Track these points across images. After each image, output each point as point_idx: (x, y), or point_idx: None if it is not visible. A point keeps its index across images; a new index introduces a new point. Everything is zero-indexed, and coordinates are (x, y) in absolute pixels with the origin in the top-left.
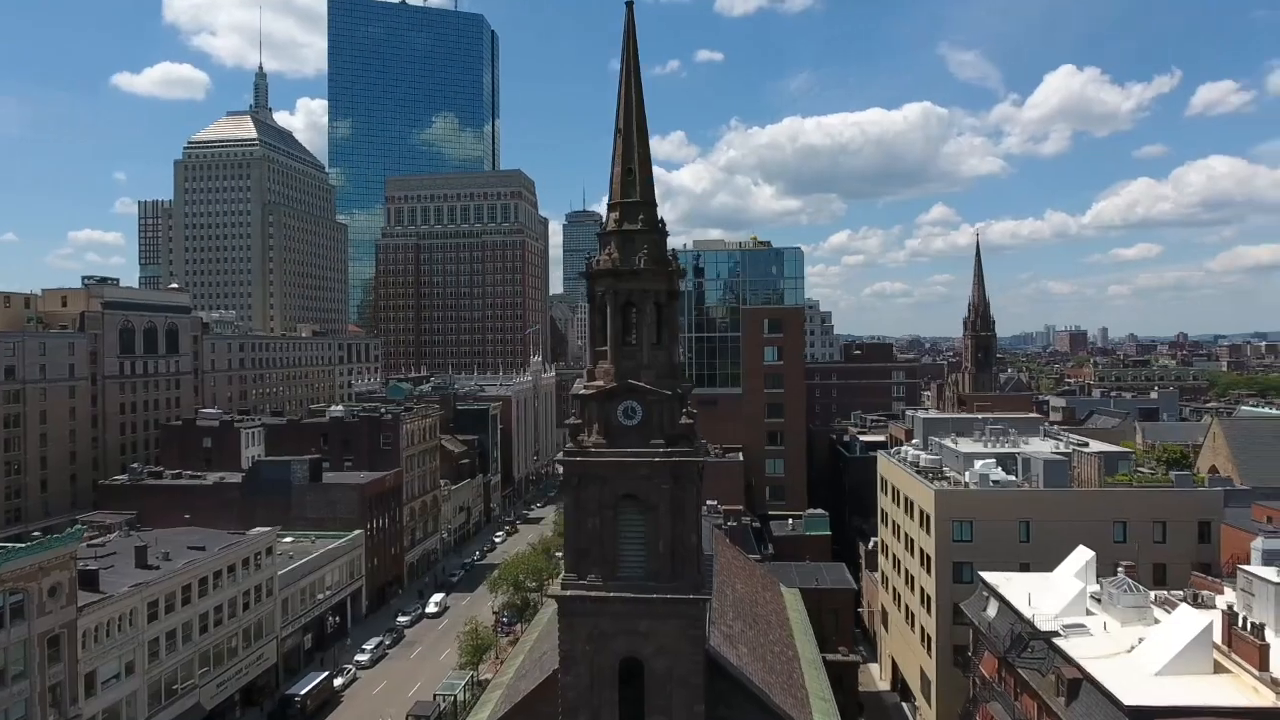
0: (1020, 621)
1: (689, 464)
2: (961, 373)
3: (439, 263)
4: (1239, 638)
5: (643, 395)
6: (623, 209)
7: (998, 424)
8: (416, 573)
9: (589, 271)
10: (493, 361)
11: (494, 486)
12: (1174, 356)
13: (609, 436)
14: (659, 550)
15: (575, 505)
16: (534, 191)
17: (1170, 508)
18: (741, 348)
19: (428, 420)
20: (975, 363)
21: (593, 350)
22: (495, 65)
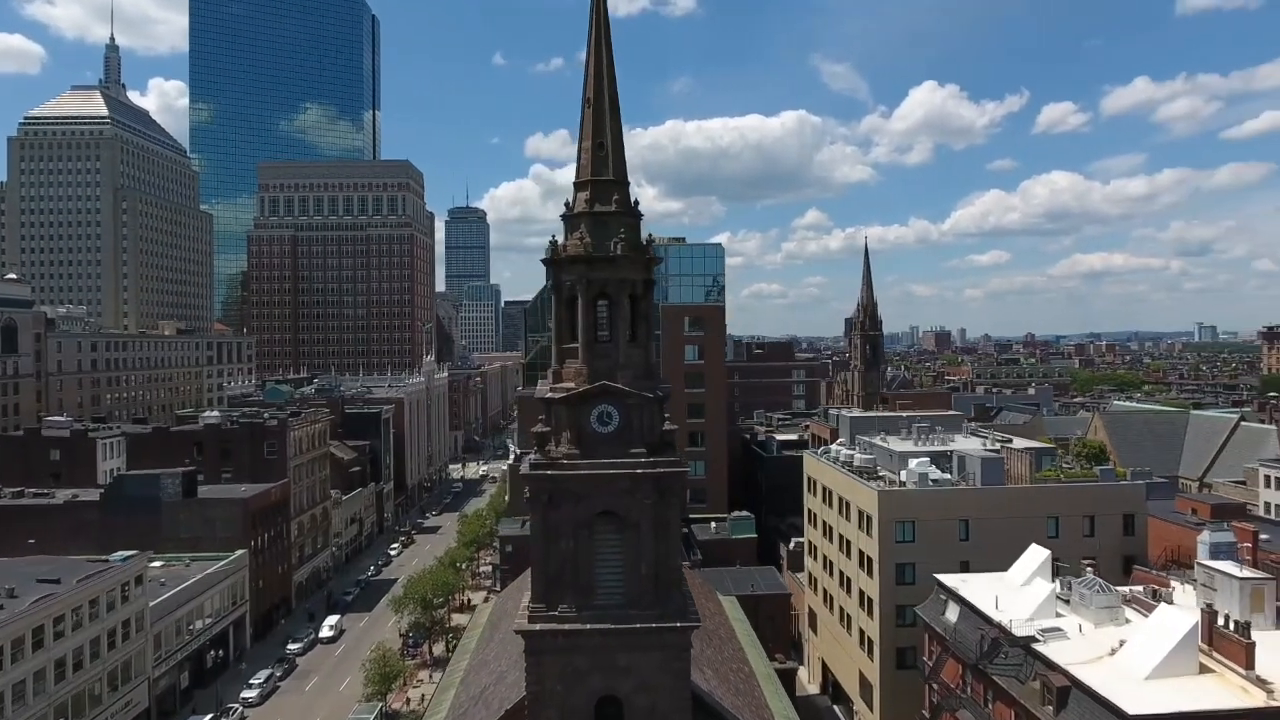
0: (989, 626)
1: (674, 475)
2: (851, 371)
3: (319, 256)
4: (1222, 636)
5: (620, 398)
6: (594, 188)
7: (924, 422)
8: (306, 593)
9: (554, 258)
10: (379, 362)
11: (387, 495)
12: (1032, 355)
13: (582, 446)
14: (640, 573)
15: (544, 526)
16: (422, 184)
17: (1098, 502)
18: (660, 346)
19: (317, 425)
20: (864, 361)
21: (558, 348)
22: (376, 52)
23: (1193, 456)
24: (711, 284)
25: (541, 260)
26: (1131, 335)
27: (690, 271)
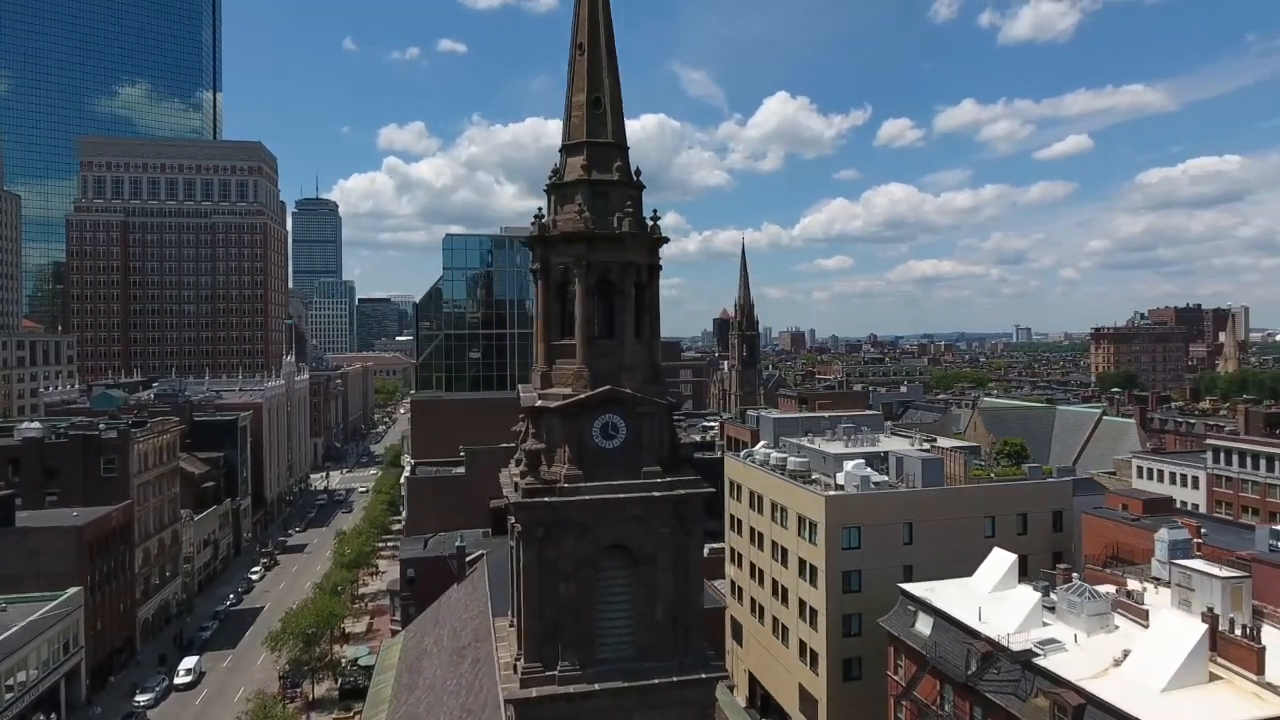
0: (976, 639)
1: (696, 498)
2: (729, 371)
3: (155, 245)
4: (1229, 642)
5: (629, 407)
6: (591, 153)
7: (849, 423)
8: (153, 631)
9: (542, 237)
10: (227, 363)
11: (244, 512)
12: (883, 355)
13: (584, 465)
14: (656, 618)
15: (538, 568)
16: (276, 169)
17: (1029, 500)
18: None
19: (166, 437)
20: (742, 361)
21: (546, 345)
22: (217, 27)
23: (1061, 449)
24: None
25: (526, 240)
26: (959, 336)
27: None
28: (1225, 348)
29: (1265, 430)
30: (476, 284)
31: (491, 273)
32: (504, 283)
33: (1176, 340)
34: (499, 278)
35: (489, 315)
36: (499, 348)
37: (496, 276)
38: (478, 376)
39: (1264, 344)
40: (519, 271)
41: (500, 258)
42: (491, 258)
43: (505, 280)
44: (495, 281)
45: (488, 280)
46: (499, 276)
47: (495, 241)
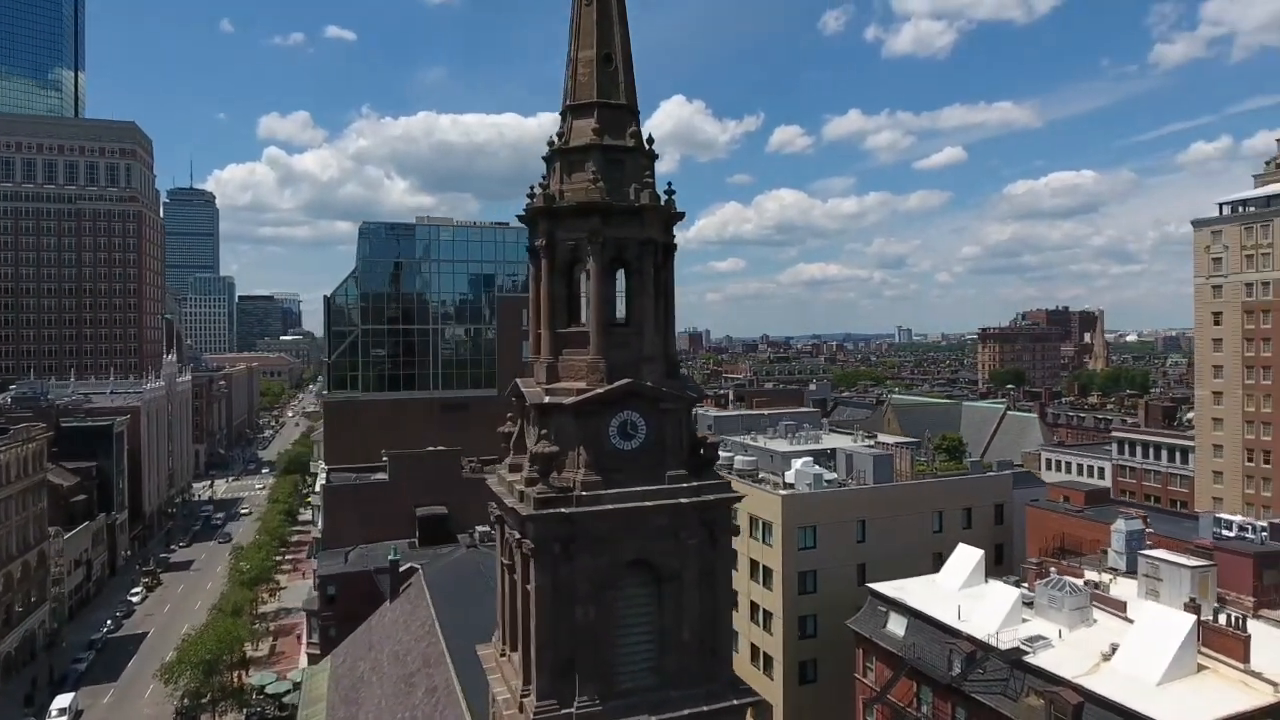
0: (958, 639)
1: (724, 504)
2: None
3: (8, 233)
4: (1214, 632)
5: (651, 403)
6: (603, 115)
7: (791, 420)
8: (17, 667)
9: (546, 209)
10: (96, 363)
11: (121, 527)
12: (786, 355)
13: (602, 470)
14: (681, 640)
15: (554, 589)
16: (151, 153)
17: (973, 494)
18: (496, 342)
19: (31, 446)
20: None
21: (550, 334)
22: (79, 2)
23: (969, 443)
24: None
25: (522, 215)
26: (846, 336)
27: (526, 258)
28: (1095, 347)
29: (1163, 422)
30: (391, 276)
31: (400, 264)
32: (411, 275)
33: (1053, 340)
34: (408, 269)
35: (401, 310)
36: (407, 344)
37: (406, 268)
38: (385, 376)
39: (1116, 344)
40: (435, 263)
41: (409, 247)
42: (411, 248)
43: (444, 272)
44: (404, 274)
45: (396, 272)
46: (408, 268)
47: (417, 230)
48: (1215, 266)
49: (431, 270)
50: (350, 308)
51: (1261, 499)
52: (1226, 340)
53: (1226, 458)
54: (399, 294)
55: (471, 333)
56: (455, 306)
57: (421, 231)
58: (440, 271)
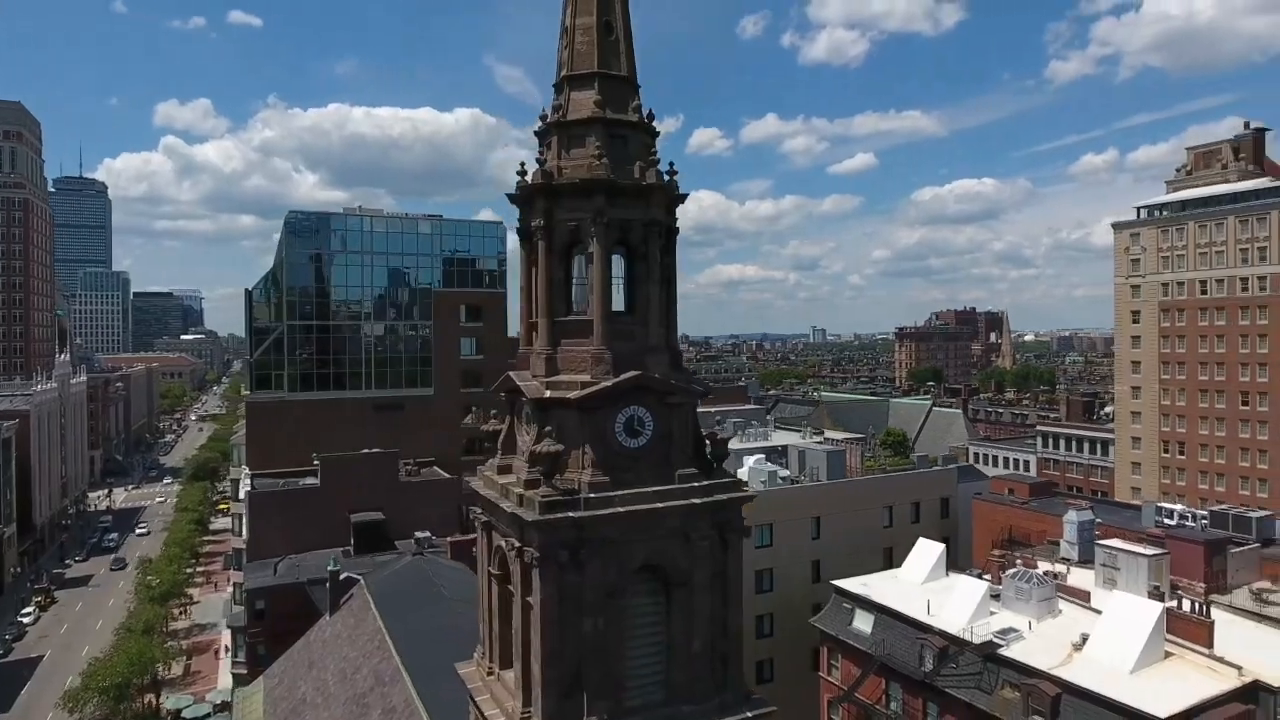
0: (929, 634)
1: (736, 504)
2: None
3: None
4: (1179, 618)
5: (659, 397)
6: (604, 86)
7: (739, 417)
8: None
9: (545, 187)
10: None
11: (9, 541)
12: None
13: (609, 469)
14: (691, 650)
15: (559, 600)
16: (40, 136)
17: (921, 488)
18: (433, 339)
19: None
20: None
21: (550, 323)
22: None
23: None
24: (493, 268)
25: (512, 195)
26: (763, 336)
27: (467, 252)
28: (1003, 346)
29: (1084, 417)
30: (318, 269)
31: (327, 256)
32: (341, 269)
33: (964, 339)
34: (338, 262)
35: (330, 305)
36: (336, 341)
37: (336, 261)
38: (313, 375)
39: (1015, 344)
40: (368, 256)
41: (339, 239)
42: (341, 239)
43: (341, 265)
44: (333, 267)
45: (317, 265)
46: (338, 261)
47: (347, 221)
48: (1134, 267)
49: (363, 264)
50: (273, 303)
51: (1177, 488)
52: (1144, 337)
53: (1144, 449)
54: (329, 288)
55: (406, 329)
56: (389, 302)
57: (353, 223)
58: (374, 265)
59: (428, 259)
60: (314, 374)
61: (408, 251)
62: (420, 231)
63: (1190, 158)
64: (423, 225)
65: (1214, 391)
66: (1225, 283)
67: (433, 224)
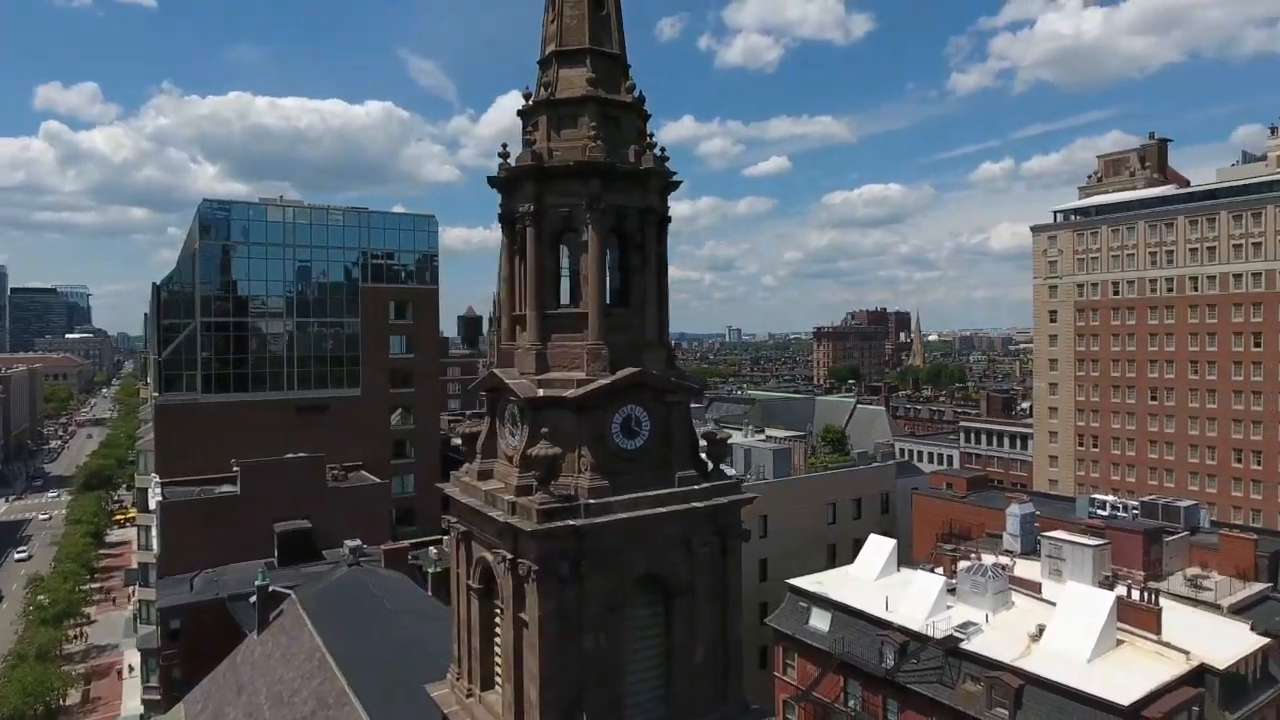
0: (889, 630)
1: (736, 507)
2: (487, 368)
3: None
4: (1128, 606)
5: (658, 395)
6: (596, 64)
7: None
8: None
9: (536, 169)
10: None
11: None
12: None
13: (607, 473)
14: (692, 662)
15: (559, 616)
16: None
17: (864, 485)
18: (360, 337)
19: None
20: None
21: (539, 316)
22: None
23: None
24: (424, 262)
25: (493, 178)
26: (680, 336)
27: (396, 246)
28: (914, 345)
29: (1003, 412)
30: (229, 262)
31: (239, 248)
32: (259, 261)
33: (878, 339)
34: (248, 254)
35: (248, 300)
36: (256, 339)
37: (253, 253)
38: (230, 375)
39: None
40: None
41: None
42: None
43: (260, 258)
44: (250, 259)
45: (234, 257)
46: (248, 253)
47: (268, 212)
48: (1051, 269)
49: (284, 257)
50: (184, 297)
51: (1091, 480)
52: (1061, 336)
53: (1061, 443)
54: (246, 282)
55: (331, 327)
56: (313, 297)
57: (273, 214)
58: (296, 259)
59: (355, 253)
60: (230, 374)
61: (333, 245)
62: (347, 224)
63: (1100, 165)
64: (349, 217)
65: (1125, 387)
66: (1136, 284)
67: (360, 216)
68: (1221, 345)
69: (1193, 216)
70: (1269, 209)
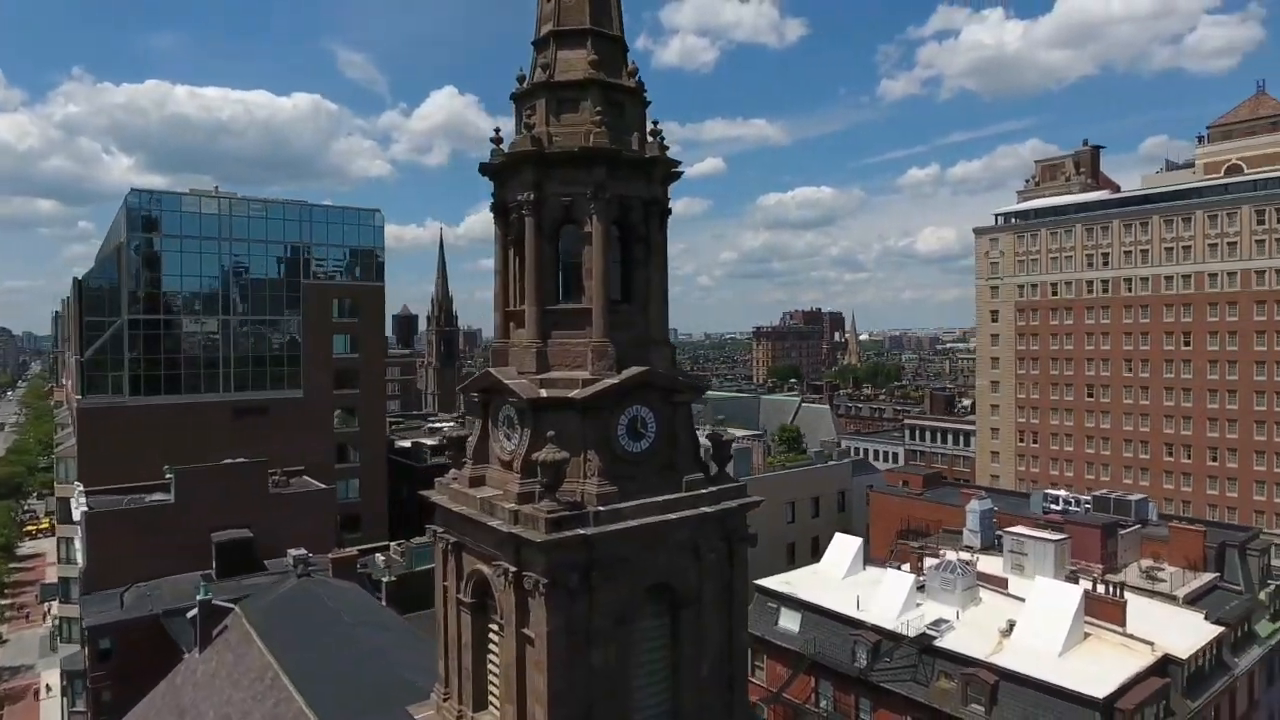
0: (862, 630)
1: (743, 511)
2: (425, 368)
3: None
4: (1095, 600)
5: (665, 396)
6: (597, 45)
7: None
8: None
9: (533, 154)
10: None
11: None
12: None
13: (614, 478)
14: (698, 676)
15: (568, 630)
16: None
17: (821, 483)
18: (302, 336)
19: None
20: (439, 359)
21: (538, 310)
22: None
23: (771, 430)
24: (369, 259)
25: (488, 165)
26: None
27: (339, 241)
28: (849, 344)
29: (946, 410)
30: (164, 256)
31: (171, 241)
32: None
33: (815, 338)
34: (181, 247)
35: (181, 296)
36: (188, 337)
37: (179, 246)
38: (160, 376)
39: None
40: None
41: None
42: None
43: (192, 251)
44: (181, 252)
45: (166, 250)
46: (181, 246)
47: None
48: (993, 270)
49: (220, 251)
50: (109, 293)
51: (1031, 474)
52: (1002, 335)
53: (1002, 439)
54: (179, 277)
55: (271, 325)
56: (251, 293)
57: (208, 205)
58: (233, 253)
59: (296, 248)
60: (161, 374)
61: (272, 239)
62: (287, 218)
63: (1037, 170)
64: (290, 210)
65: (1064, 385)
66: (1074, 285)
67: (301, 210)
68: (1154, 344)
69: (1127, 220)
70: (1198, 214)
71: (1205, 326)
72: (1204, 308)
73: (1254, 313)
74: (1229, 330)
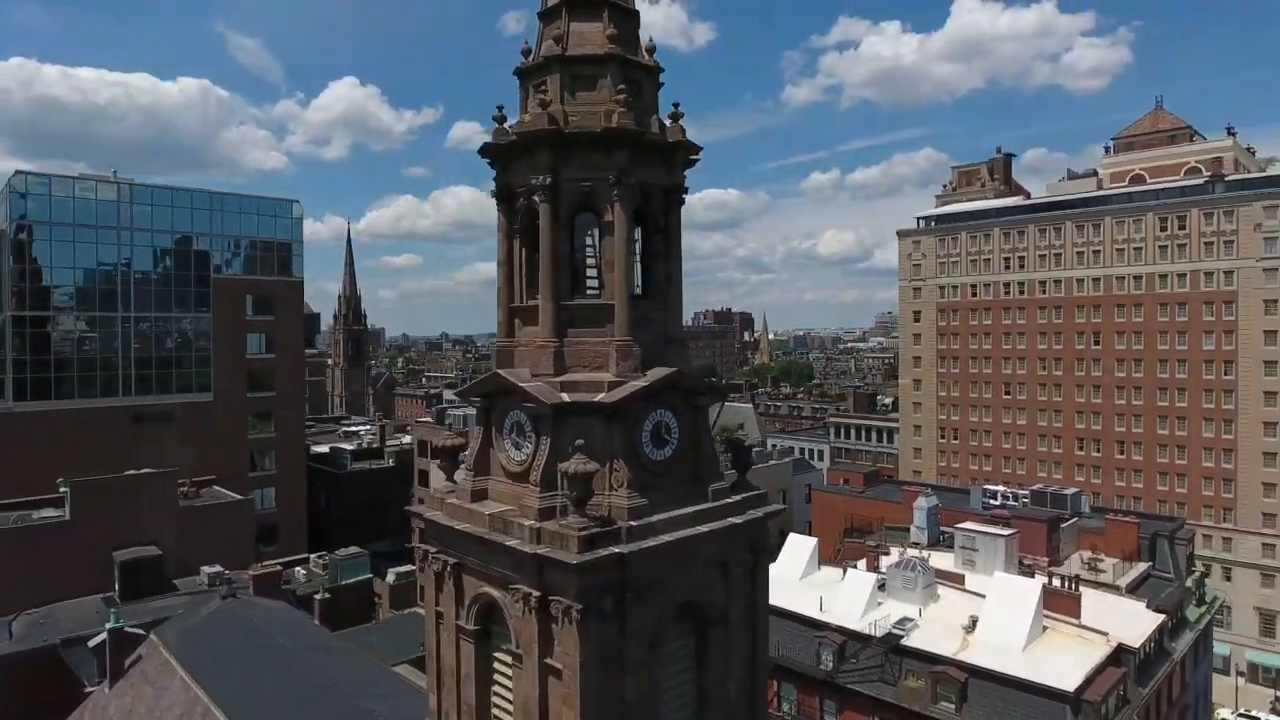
0: (826, 631)
1: (767, 520)
2: (332, 369)
3: None
4: (1052, 594)
5: (688, 399)
6: (615, 18)
7: None
8: None
9: (551, 134)
10: None
11: None
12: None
13: (641, 489)
14: (728, 697)
15: (601, 659)
16: None
17: (764, 484)
18: (212, 335)
19: None
20: (347, 358)
21: (554, 306)
22: None
23: None
24: (285, 252)
25: (493, 145)
26: None
27: (254, 232)
28: (761, 344)
29: (868, 408)
30: (48, 246)
31: (59, 230)
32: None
33: (728, 338)
34: (72, 237)
35: (73, 290)
36: (82, 337)
37: (69, 236)
38: (50, 379)
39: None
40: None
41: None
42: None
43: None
44: (64, 243)
45: (30, 238)
46: (72, 236)
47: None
48: (915, 271)
49: (118, 242)
50: None
51: (951, 470)
52: (924, 334)
53: (924, 436)
54: (70, 270)
55: (176, 322)
56: (154, 288)
57: (105, 191)
58: (133, 244)
59: (205, 239)
60: (50, 377)
61: (179, 229)
62: (196, 207)
63: (954, 176)
64: (199, 199)
65: (983, 383)
66: (992, 287)
67: (211, 199)
68: (1066, 344)
69: (1042, 226)
70: (1106, 220)
71: (1114, 327)
72: (1112, 309)
73: (1158, 314)
74: (1135, 330)
